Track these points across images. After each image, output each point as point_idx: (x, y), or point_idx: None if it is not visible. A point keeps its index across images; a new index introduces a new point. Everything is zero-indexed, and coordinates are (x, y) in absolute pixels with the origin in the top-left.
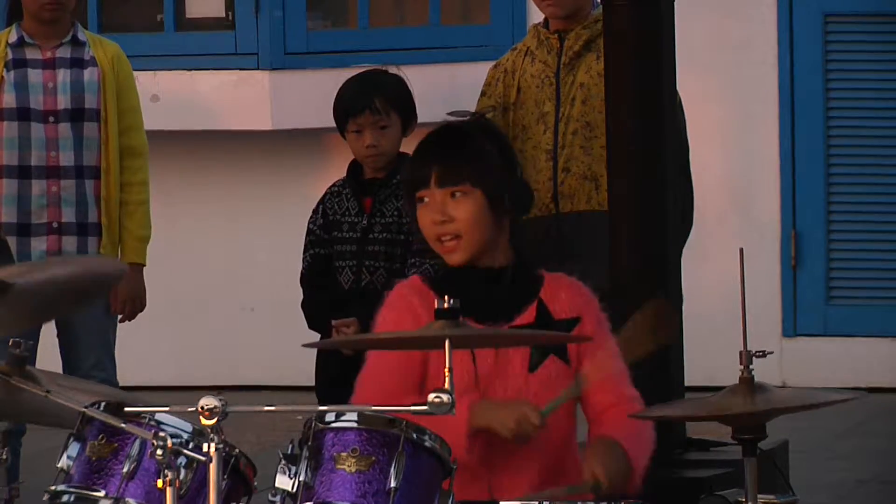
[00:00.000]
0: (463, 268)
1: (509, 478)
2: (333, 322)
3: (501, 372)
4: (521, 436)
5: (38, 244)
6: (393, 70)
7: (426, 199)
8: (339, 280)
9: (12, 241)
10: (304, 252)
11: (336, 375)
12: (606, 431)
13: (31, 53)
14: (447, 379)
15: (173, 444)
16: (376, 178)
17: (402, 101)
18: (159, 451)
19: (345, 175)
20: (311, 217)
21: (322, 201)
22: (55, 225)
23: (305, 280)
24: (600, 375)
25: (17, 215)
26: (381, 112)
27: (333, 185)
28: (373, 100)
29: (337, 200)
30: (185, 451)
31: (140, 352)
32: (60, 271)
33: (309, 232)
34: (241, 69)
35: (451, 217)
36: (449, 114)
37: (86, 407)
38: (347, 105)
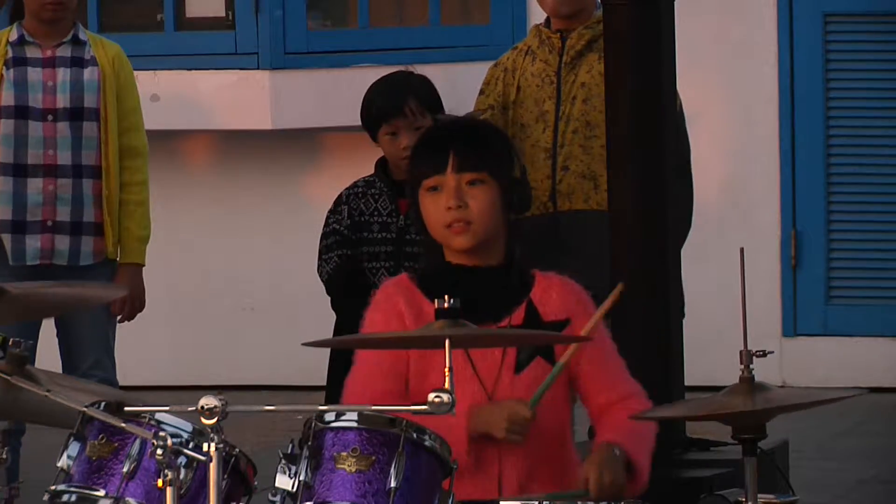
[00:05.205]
0: (453, 266)
1: (505, 469)
2: None
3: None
4: (514, 433)
5: (33, 242)
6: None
7: (439, 187)
8: (373, 281)
9: (7, 239)
10: (326, 253)
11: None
12: (609, 434)
13: (31, 52)
14: (447, 379)
15: (173, 443)
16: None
17: (432, 101)
18: (159, 451)
19: (369, 175)
20: (333, 218)
21: (344, 202)
22: (49, 223)
23: (335, 282)
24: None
25: (12, 213)
26: (415, 113)
27: (354, 185)
28: (406, 102)
29: (363, 201)
30: (186, 450)
31: (140, 352)
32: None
33: (333, 232)
34: (241, 69)
35: (466, 203)
36: (435, 118)
37: (86, 407)
38: (381, 110)
